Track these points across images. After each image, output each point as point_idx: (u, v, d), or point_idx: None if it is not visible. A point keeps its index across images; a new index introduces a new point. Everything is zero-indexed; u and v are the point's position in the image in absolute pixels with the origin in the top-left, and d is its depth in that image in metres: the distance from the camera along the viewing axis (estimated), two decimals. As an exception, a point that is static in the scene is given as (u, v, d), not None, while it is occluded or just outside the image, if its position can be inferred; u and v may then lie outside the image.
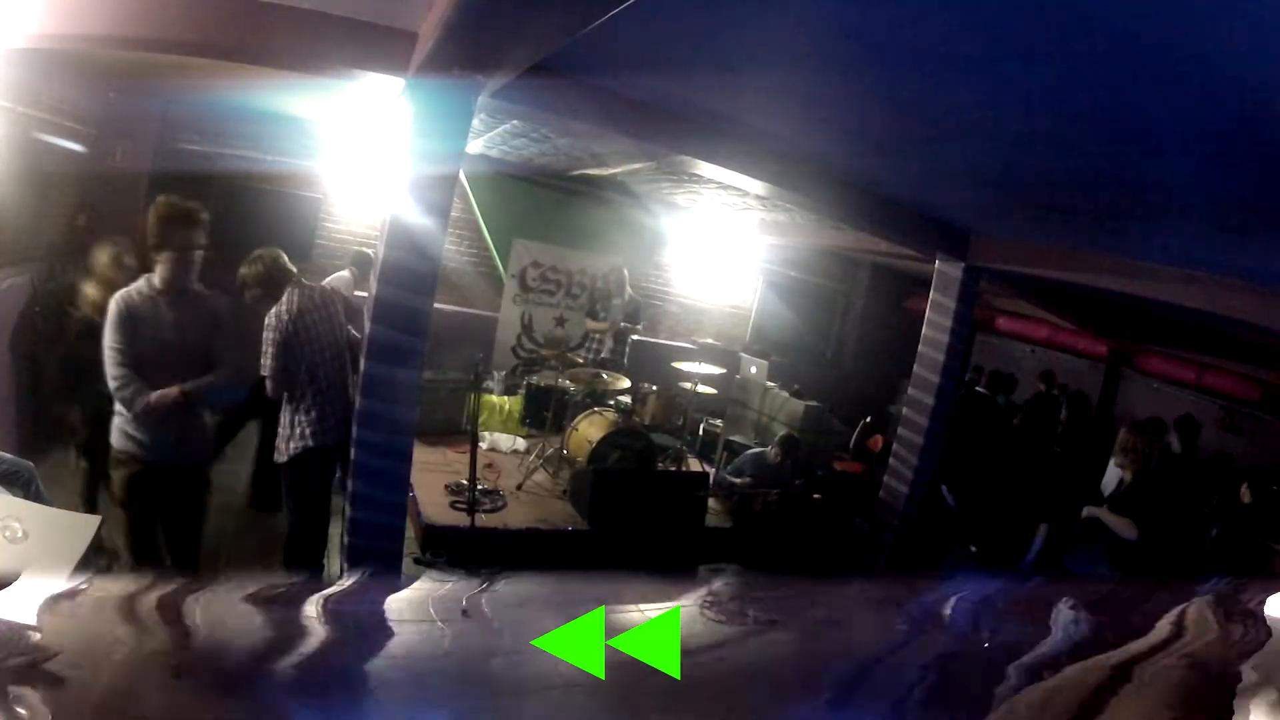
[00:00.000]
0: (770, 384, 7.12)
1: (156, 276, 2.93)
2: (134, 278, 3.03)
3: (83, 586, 2.61)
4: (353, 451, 3.36)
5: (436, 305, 3.48)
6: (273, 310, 3.34)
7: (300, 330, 3.34)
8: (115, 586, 3.18)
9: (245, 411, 4.42)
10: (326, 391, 3.41)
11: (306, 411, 3.37)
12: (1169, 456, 5.29)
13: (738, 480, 5.39)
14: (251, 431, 4.61)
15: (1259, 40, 1.49)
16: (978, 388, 6.93)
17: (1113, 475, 4.70)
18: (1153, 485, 3.64)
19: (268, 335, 3.29)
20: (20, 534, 2.48)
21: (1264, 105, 1.79)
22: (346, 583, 3.40)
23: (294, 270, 3.49)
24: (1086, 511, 3.75)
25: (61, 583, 2.46)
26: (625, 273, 6.92)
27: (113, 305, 2.84)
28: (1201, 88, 1.83)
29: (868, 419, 6.87)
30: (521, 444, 6.12)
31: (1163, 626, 1.41)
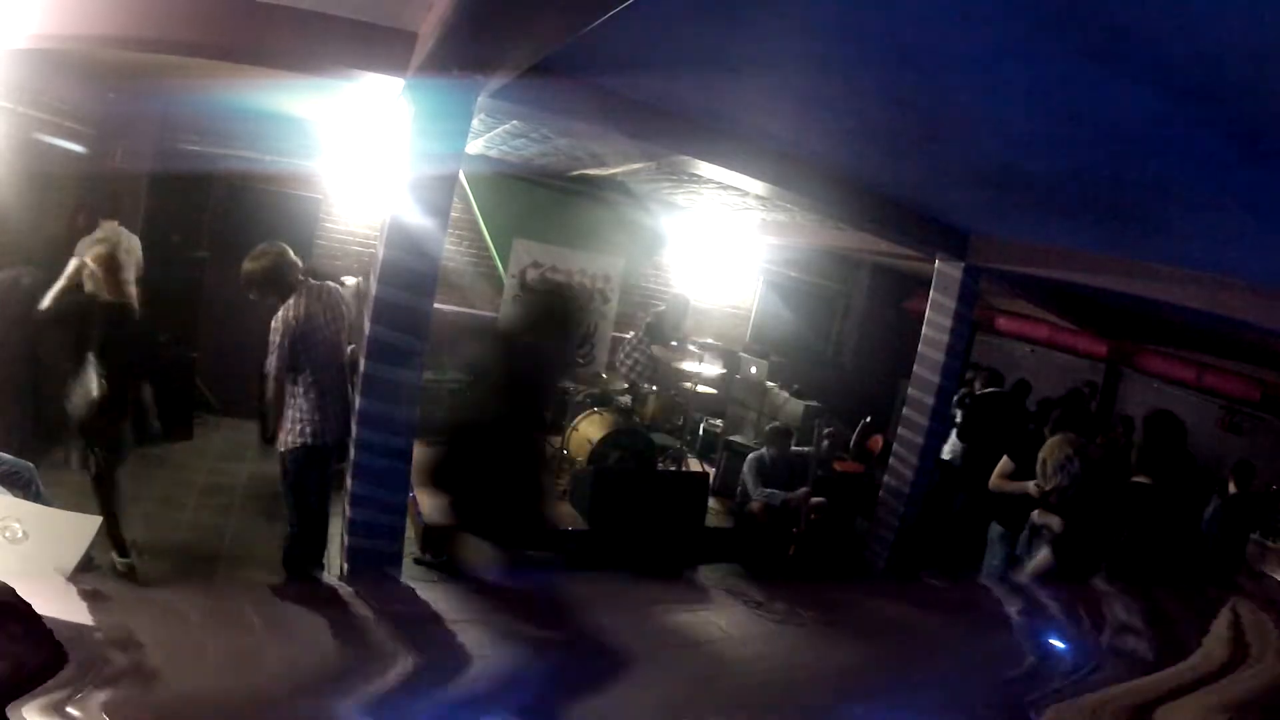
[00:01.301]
0: (770, 384, 7.12)
1: None
2: None
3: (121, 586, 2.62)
4: (352, 451, 3.36)
5: (436, 305, 3.48)
6: (280, 313, 3.30)
7: (308, 333, 3.33)
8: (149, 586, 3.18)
9: None
10: (328, 393, 3.41)
11: (310, 410, 3.37)
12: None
13: (787, 494, 5.21)
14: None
15: (1258, 40, 1.49)
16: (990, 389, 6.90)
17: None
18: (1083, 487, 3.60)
19: (275, 338, 3.27)
20: (20, 534, 2.48)
21: (1263, 105, 1.80)
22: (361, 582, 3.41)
23: (300, 265, 3.47)
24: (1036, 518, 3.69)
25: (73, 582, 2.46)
26: (689, 303, 6.79)
27: None
28: (1201, 87, 1.83)
29: (868, 419, 6.87)
30: (521, 444, 6.11)
31: None
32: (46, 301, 3.79)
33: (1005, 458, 4.21)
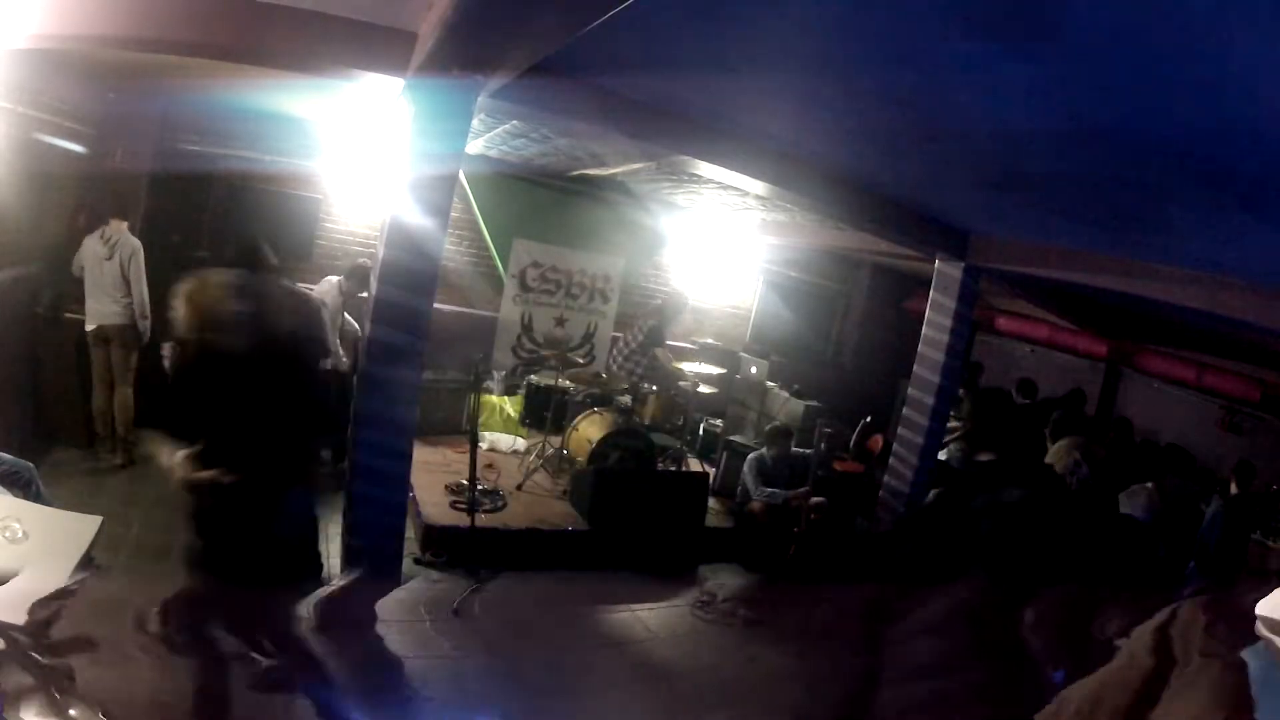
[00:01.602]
0: (770, 384, 7.12)
1: None
2: None
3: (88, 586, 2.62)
4: (352, 451, 3.36)
5: (436, 305, 3.48)
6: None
7: None
8: (116, 587, 3.17)
9: None
10: None
11: None
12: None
13: (788, 493, 5.19)
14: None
15: (1258, 42, 1.49)
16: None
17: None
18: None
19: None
20: (20, 534, 2.48)
21: (1263, 105, 1.80)
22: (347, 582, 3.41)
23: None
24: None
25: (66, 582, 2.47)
26: (686, 300, 6.73)
27: None
28: (1201, 88, 1.83)
29: (868, 419, 6.87)
30: (521, 444, 6.12)
31: None
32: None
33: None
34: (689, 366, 5.86)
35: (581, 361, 7.40)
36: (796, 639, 4.19)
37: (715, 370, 6.11)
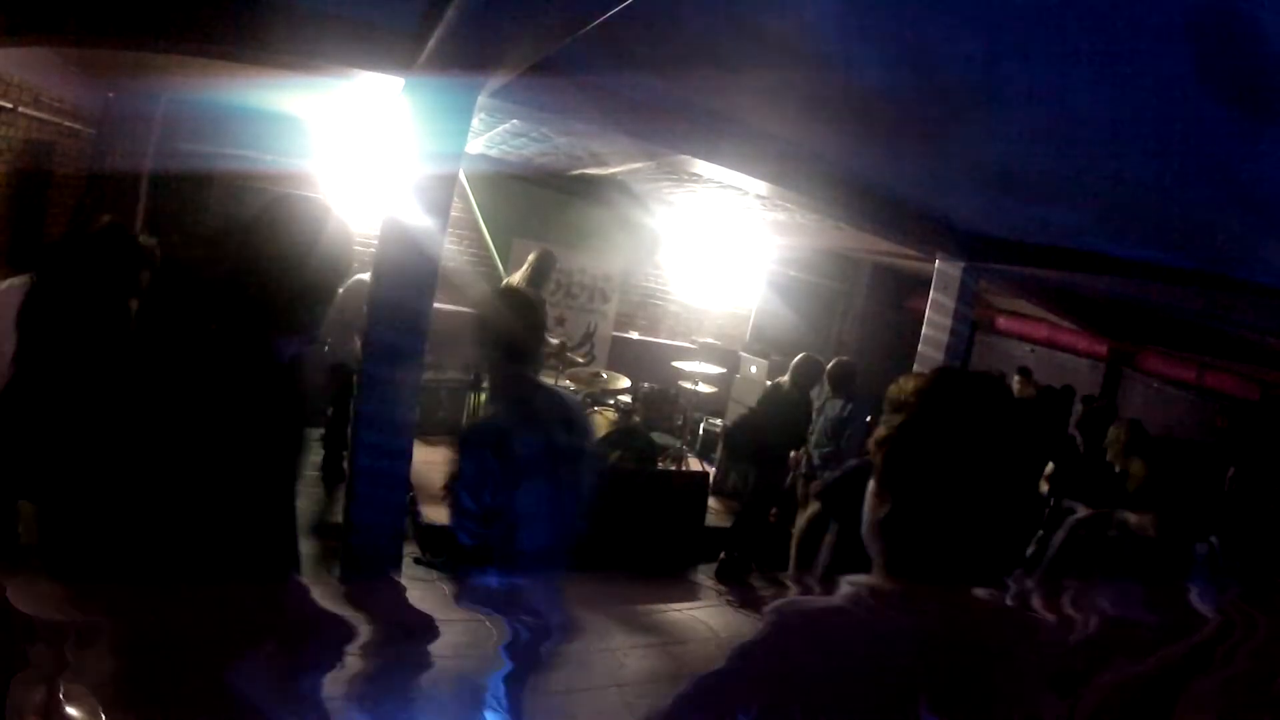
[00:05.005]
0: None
1: None
2: None
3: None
4: (352, 452, 3.36)
5: (436, 305, 3.47)
6: None
7: None
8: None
9: None
10: None
11: None
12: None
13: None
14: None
15: (1260, 44, 1.49)
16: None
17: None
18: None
19: None
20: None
21: (1263, 108, 1.79)
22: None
23: None
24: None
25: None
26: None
27: None
28: (1202, 90, 1.82)
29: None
30: (521, 444, 6.12)
31: None
32: None
33: None
34: (689, 366, 5.86)
35: (581, 361, 7.40)
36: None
37: (715, 370, 6.11)
